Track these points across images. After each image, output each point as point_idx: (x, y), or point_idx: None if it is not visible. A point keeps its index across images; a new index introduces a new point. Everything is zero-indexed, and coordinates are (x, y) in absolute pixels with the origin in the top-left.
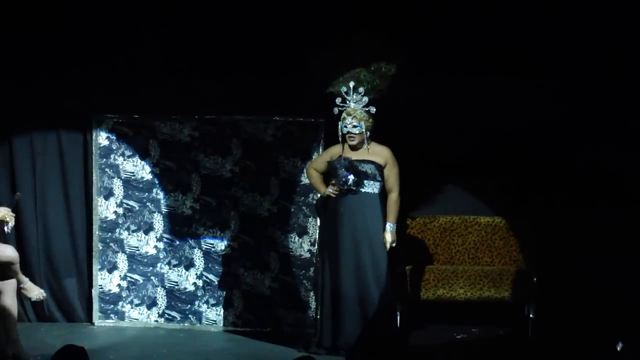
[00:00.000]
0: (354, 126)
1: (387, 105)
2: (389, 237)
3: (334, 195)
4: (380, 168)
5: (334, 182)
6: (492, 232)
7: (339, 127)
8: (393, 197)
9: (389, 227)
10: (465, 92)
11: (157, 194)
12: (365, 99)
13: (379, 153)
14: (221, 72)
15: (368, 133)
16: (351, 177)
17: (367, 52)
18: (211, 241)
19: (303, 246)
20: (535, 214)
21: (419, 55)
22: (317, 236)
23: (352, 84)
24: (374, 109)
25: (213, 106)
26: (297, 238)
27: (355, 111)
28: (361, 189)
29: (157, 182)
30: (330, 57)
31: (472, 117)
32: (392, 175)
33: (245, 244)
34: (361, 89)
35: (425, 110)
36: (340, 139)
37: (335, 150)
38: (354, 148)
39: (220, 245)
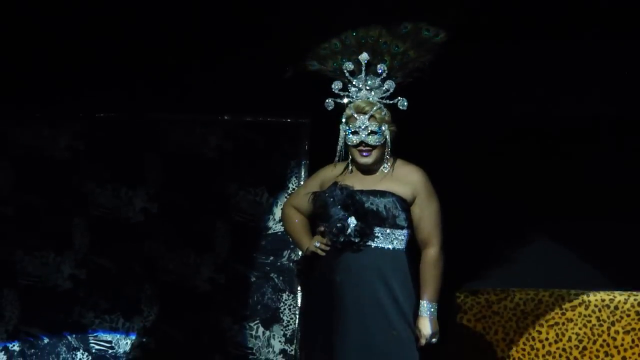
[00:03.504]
0: (372, 132)
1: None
2: (425, 327)
3: (323, 254)
4: (405, 204)
5: (323, 228)
6: (611, 319)
7: (341, 134)
8: (431, 255)
9: (426, 309)
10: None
11: (9, 254)
12: (390, 85)
13: (404, 178)
14: (128, 39)
15: (390, 145)
16: (352, 221)
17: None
18: (107, 337)
19: (272, 344)
20: None
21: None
22: (297, 326)
23: (364, 57)
24: (406, 104)
25: (112, 97)
26: (261, 330)
27: (372, 106)
28: (370, 243)
29: (9, 231)
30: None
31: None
32: (427, 216)
33: (168, 340)
34: (381, 67)
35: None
36: (338, 153)
37: (329, 173)
38: (366, 169)
39: (124, 343)
